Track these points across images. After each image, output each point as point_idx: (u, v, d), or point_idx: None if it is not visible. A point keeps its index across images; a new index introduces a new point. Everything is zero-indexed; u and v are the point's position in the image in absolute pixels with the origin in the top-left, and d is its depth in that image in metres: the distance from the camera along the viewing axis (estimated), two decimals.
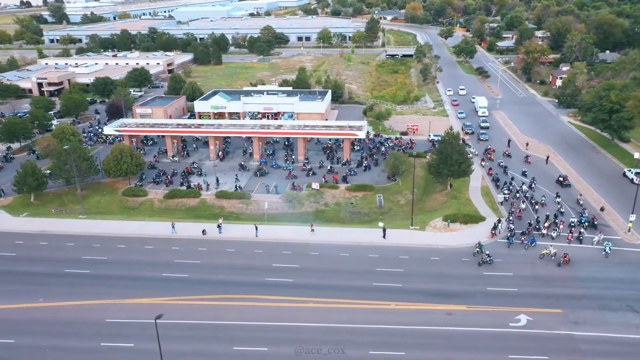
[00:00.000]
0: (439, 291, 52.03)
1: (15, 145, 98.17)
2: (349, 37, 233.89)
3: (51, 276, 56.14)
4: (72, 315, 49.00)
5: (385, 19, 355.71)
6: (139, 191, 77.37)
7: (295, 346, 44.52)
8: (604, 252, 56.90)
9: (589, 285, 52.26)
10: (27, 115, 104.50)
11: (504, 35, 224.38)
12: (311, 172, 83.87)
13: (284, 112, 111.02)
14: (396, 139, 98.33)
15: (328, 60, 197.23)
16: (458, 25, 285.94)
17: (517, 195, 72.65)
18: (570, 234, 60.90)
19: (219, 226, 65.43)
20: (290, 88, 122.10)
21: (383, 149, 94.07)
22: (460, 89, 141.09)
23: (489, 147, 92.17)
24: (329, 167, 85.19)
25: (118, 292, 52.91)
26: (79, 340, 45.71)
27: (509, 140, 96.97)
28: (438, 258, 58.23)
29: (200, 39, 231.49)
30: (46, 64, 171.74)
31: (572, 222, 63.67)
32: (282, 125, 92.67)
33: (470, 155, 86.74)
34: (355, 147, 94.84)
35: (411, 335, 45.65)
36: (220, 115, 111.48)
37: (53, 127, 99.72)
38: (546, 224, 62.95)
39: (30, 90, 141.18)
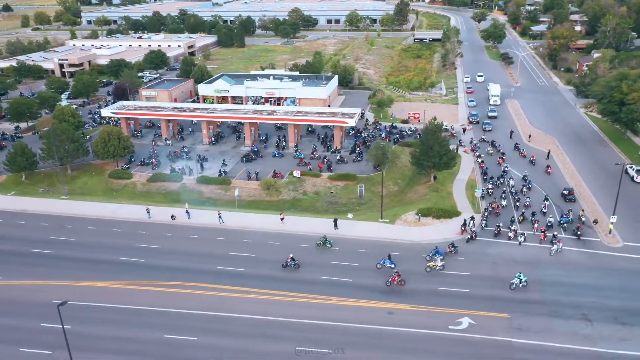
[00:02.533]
0: (388, 288, 50.39)
1: (24, 125, 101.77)
2: (378, 20, 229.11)
3: (16, 255, 57.99)
4: (22, 295, 50.50)
5: (423, 0, 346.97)
6: (124, 174, 78.73)
7: (226, 337, 44.43)
8: (511, 282, 49.56)
9: (548, 290, 49.35)
10: (35, 95, 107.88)
11: (541, 19, 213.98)
12: (325, 159, 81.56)
13: (286, 97, 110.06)
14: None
15: (352, 43, 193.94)
16: (496, 8, 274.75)
17: (503, 193, 68.73)
18: (543, 234, 57.45)
19: (187, 212, 65.81)
20: (297, 73, 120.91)
21: (383, 135, 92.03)
22: (479, 76, 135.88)
23: (522, 150, 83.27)
24: (338, 156, 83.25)
25: (73, 273, 54.10)
26: (21, 320, 47.06)
27: (512, 132, 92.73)
28: (398, 253, 56.26)
29: (230, 21, 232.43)
30: (74, 45, 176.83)
31: (550, 222, 60.11)
32: (276, 111, 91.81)
33: (490, 152, 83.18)
34: (362, 134, 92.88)
35: (343, 333, 44.51)
36: (223, 99, 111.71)
37: None
38: (513, 227, 58.74)
39: (52, 71, 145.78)
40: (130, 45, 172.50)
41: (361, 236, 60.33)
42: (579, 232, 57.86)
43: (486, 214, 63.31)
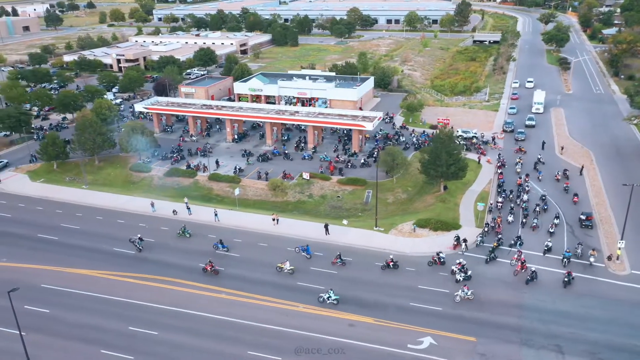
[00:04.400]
0: (357, 299, 49.23)
1: (70, 117, 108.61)
2: (438, 20, 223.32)
3: (25, 239, 62.09)
4: (16, 277, 53.86)
5: (495, 0, 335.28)
6: (143, 167, 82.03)
7: (184, 334, 45.34)
8: (320, 295, 48.35)
9: (527, 316, 46.15)
10: (82, 89, 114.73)
11: (616, 22, 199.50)
12: (349, 164, 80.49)
13: (317, 98, 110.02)
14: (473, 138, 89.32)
15: (407, 44, 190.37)
16: (570, 9, 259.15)
17: (512, 209, 64.54)
18: (520, 265, 51.94)
19: (188, 207, 67.59)
20: (333, 73, 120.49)
21: (415, 140, 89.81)
22: (528, 81, 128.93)
23: (557, 173, 73.98)
24: (362, 160, 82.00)
25: (68, 260, 57.16)
26: (5, 301, 50.09)
27: (543, 143, 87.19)
28: (381, 264, 54.88)
29: (290, 20, 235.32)
30: (136, 41, 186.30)
31: (547, 246, 55.30)
32: (298, 112, 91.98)
33: (518, 170, 76.26)
34: (400, 137, 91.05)
35: (298, 341, 44.02)
36: (258, 98, 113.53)
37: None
38: (458, 261, 52.59)
39: (111, 66, 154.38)
40: (186, 42, 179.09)
41: (350, 243, 59.28)
42: (567, 279, 49.84)
43: (486, 229, 60.11)
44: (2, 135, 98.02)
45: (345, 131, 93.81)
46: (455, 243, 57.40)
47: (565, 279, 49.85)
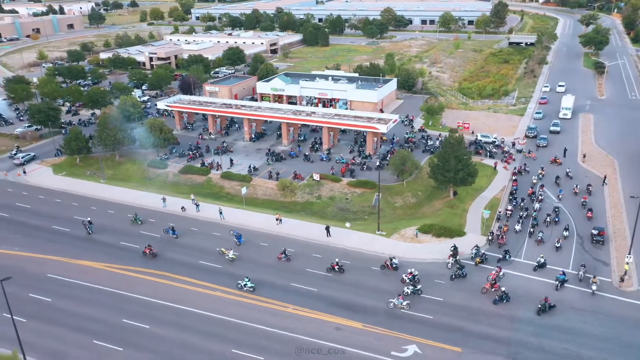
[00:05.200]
0: (349, 303, 49.07)
1: (99, 112, 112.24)
2: (474, 21, 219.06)
3: (40, 230, 64.67)
4: (25, 265, 56.24)
5: (537, 1, 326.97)
6: (160, 164, 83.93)
7: (173, 329, 46.31)
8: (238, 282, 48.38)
9: (519, 329, 44.88)
10: (111, 86, 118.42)
11: None
12: (365, 166, 79.94)
13: (338, 99, 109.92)
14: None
15: (439, 45, 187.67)
16: (615, 10, 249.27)
17: (520, 218, 62.60)
18: (490, 284, 49.37)
19: (196, 204, 68.86)
20: (356, 74, 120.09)
21: (431, 142, 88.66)
22: (559, 85, 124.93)
23: (576, 187, 69.51)
24: (378, 162, 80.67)
25: (76, 252, 59.19)
26: (13, 288, 52.39)
27: (565, 150, 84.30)
28: (377, 269, 54.51)
29: (323, 19, 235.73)
30: (170, 39, 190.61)
31: (540, 261, 53.14)
32: (315, 113, 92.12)
33: (534, 181, 72.79)
34: (428, 140, 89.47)
35: (283, 343, 44.27)
36: (279, 98, 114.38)
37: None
38: (407, 280, 51.20)
39: (144, 64, 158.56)
40: (218, 42, 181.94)
41: (349, 246, 59.12)
42: (541, 306, 46.15)
43: (490, 238, 58.66)
44: (34, 129, 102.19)
45: (364, 133, 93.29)
46: (452, 252, 56.08)
47: (540, 306, 46.21)
